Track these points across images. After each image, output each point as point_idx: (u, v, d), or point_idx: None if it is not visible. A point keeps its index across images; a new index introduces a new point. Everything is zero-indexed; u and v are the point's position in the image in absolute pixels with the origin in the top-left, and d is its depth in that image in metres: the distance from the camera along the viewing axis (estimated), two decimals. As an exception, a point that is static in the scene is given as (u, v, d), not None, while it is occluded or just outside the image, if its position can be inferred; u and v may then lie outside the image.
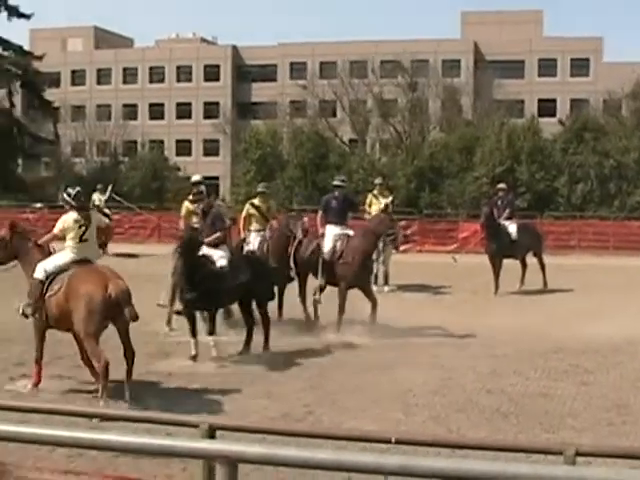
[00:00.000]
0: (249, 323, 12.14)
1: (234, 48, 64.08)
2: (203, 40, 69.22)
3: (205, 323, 11.73)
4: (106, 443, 4.57)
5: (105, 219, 17.15)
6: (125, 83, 64.55)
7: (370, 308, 13.37)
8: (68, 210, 9.81)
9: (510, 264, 18.67)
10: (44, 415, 5.29)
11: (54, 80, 59.18)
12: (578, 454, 4.19)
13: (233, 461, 4.30)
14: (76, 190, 9.82)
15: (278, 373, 10.78)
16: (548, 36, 58.76)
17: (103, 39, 67.39)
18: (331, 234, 13.95)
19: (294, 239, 13.82)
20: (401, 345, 12.35)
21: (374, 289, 14.99)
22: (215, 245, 12.09)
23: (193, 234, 12.02)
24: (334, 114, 54.40)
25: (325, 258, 13.69)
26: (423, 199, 42.15)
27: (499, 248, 18.54)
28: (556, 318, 14.41)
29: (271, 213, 14.94)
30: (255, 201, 15.00)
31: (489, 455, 4.51)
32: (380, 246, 15.32)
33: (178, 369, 10.73)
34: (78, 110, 59.88)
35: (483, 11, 60.69)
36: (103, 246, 20.69)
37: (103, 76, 64.93)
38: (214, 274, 11.63)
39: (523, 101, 56.23)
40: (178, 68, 64.06)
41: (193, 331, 11.42)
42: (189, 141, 62.82)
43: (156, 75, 64.31)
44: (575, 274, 20.86)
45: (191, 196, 13.95)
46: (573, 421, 8.59)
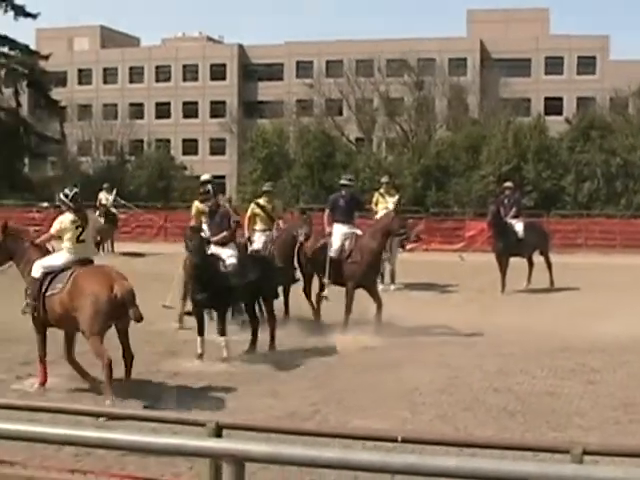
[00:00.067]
0: (254, 322, 12.14)
1: (240, 47, 64.01)
2: (209, 39, 69.20)
3: (215, 322, 11.70)
4: (113, 442, 4.58)
5: (102, 221, 17.16)
6: (131, 82, 64.53)
7: (375, 309, 13.33)
8: (65, 211, 9.85)
9: (517, 263, 18.65)
10: (51, 414, 5.30)
11: (60, 79, 59.19)
12: (585, 453, 4.19)
13: (240, 460, 4.30)
14: (73, 191, 9.88)
15: (284, 372, 10.77)
16: (554, 34, 58.62)
17: (109, 38, 67.40)
18: (339, 233, 13.87)
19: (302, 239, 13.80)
20: (407, 344, 12.32)
21: (380, 288, 14.97)
22: (223, 244, 12.09)
23: (197, 235, 11.88)
24: (340, 113, 54.32)
25: (333, 257, 13.63)
26: (430, 198, 42.12)
27: (506, 247, 18.52)
28: (563, 317, 14.37)
29: (276, 212, 14.91)
30: (260, 200, 14.95)
31: (496, 454, 4.51)
32: (390, 245, 15.27)
33: (184, 368, 10.73)
34: (84, 109, 59.90)
35: (489, 9, 60.61)
36: (98, 246, 20.64)
37: (109, 75, 64.95)
38: (224, 273, 11.63)
39: (529, 99, 56.06)
40: (184, 67, 63.98)
41: (200, 329, 11.42)
42: (195, 140, 62.76)
43: (162, 74, 64.26)
44: (582, 273, 20.79)
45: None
46: (580, 420, 8.56)
